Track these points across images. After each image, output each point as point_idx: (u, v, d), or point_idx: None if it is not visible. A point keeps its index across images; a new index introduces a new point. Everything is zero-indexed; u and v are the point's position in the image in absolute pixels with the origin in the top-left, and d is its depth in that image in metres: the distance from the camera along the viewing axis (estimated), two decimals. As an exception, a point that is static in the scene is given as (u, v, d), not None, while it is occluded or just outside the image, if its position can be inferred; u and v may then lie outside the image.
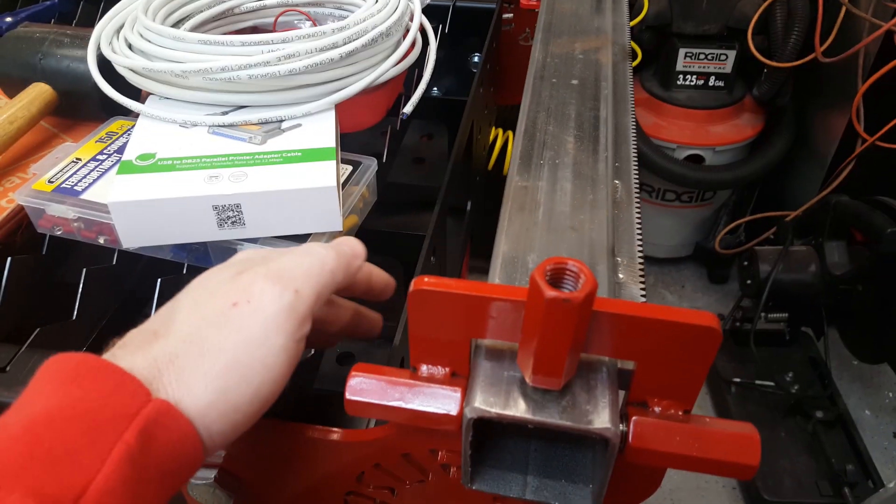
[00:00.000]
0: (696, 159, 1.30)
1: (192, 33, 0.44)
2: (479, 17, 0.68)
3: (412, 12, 0.52)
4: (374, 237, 0.35)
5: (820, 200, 1.12)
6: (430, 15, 0.57)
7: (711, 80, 1.26)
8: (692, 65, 1.25)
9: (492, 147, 0.81)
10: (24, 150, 0.50)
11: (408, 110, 0.50)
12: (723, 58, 1.23)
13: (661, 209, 1.40)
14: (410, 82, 0.54)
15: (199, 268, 0.43)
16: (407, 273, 0.50)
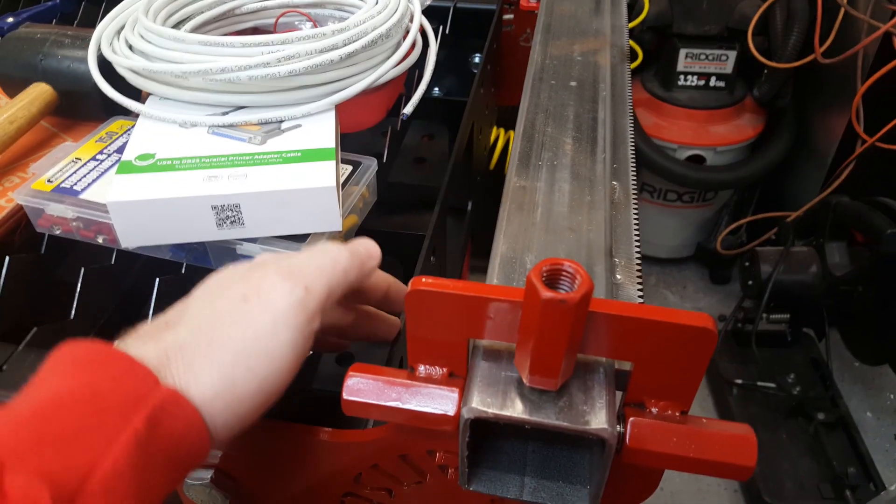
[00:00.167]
0: (697, 160, 1.30)
1: (193, 34, 0.44)
2: (480, 19, 0.68)
3: (412, 14, 0.52)
4: (374, 237, 0.35)
5: (820, 201, 1.12)
6: (431, 16, 0.57)
7: (712, 81, 1.26)
8: (693, 65, 1.25)
9: (493, 147, 0.81)
10: (24, 149, 0.51)
11: (408, 111, 0.50)
12: (723, 58, 1.23)
13: (662, 209, 1.39)
14: (411, 83, 0.54)
15: (197, 268, 0.43)
16: (407, 273, 0.50)
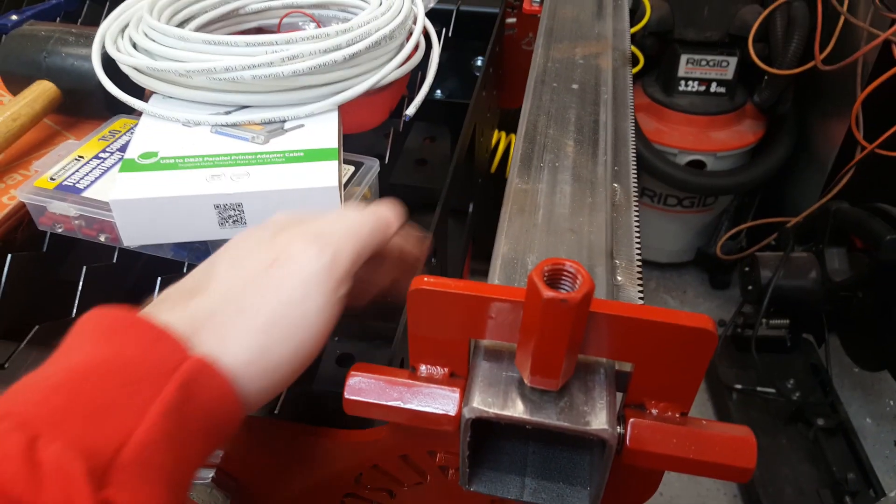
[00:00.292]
0: (697, 165, 1.30)
1: (197, 33, 0.44)
2: (483, 22, 0.68)
3: (416, 16, 0.52)
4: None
5: (820, 207, 1.12)
6: (434, 18, 0.57)
7: (713, 87, 1.27)
8: (694, 71, 1.25)
9: (495, 150, 0.81)
10: (27, 147, 0.51)
11: (411, 112, 0.50)
12: (724, 64, 1.24)
13: (662, 214, 1.40)
14: (414, 85, 0.54)
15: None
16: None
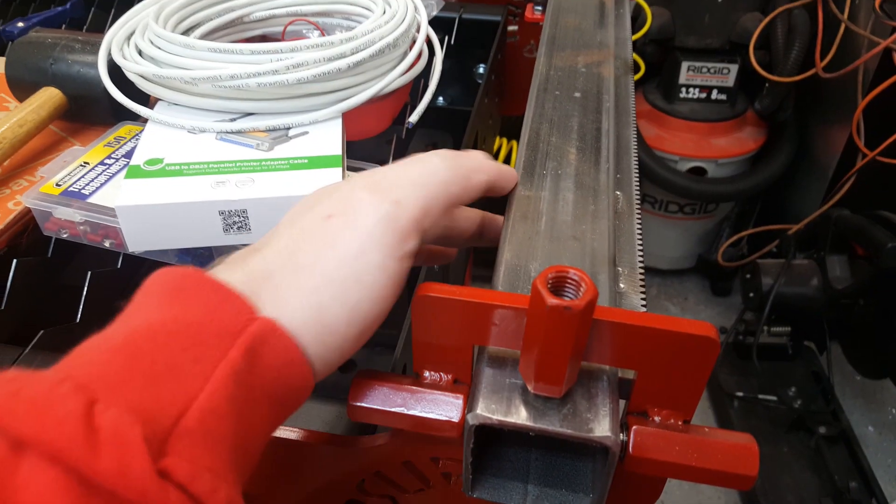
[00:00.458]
0: (698, 171, 1.30)
1: (202, 41, 0.44)
2: (485, 30, 0.69)
3: (419, 24, 0.52)
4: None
5: (821, 214, 1.12)
6: (437, 26, 0.58)
7: (714, 94, 1.27)
8: (695, 78, 1.26)
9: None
10: (33, 153, 0.51)
11: (413, 119, 0.50)
12: (725, 71, 1.24)
13: (663, 221, 1.40)
14: (416, 92, 0.55)
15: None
16: (410, 280, 0.51)
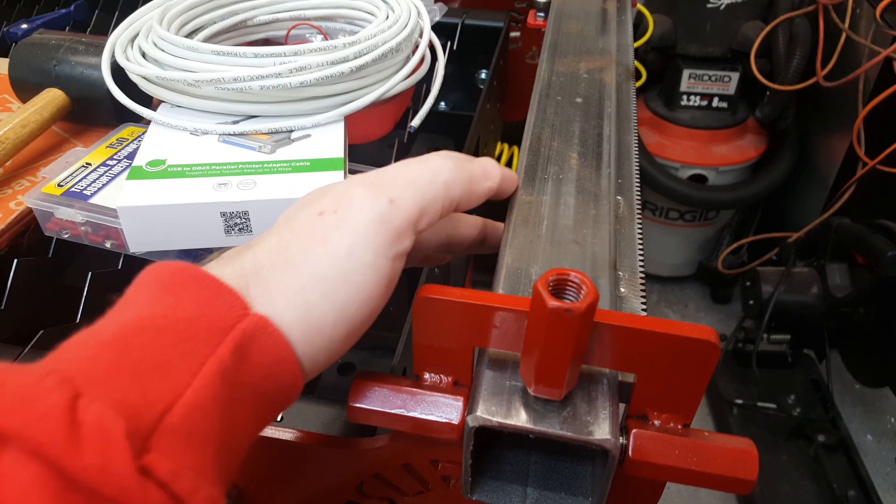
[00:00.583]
0: (699, 179, 1.30)
1: (206, 44, 0.44)
2: (487, 35, 0.69)
3: (422, 29, 0.53)
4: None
5: (821, 222, 1.12)
6: (440, 31, 0.58)
7: (715, 102, 1.28)
8: (696, 86, 1.26)
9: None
10: (35, 153, 0.51)
11: (415, 124, 0.51)
12: (726, 79, 1.25)
13: (664, 228, 1.40)
14: (419, 96, 0.55)
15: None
16: (411, 283, 0.51)
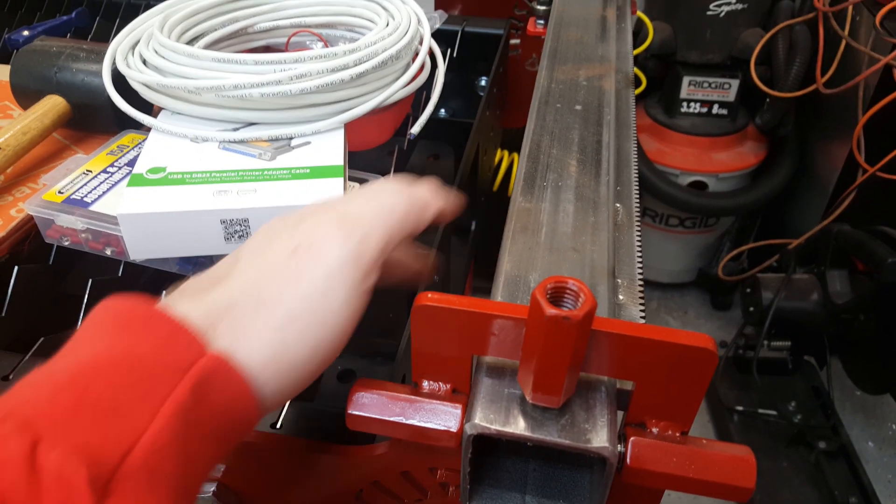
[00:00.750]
0: (699, 186, 1.31)
1: (207, 51, 0.45)
2: (487, 43, 0.69)
3: (422, 36, 0.53)
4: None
5: (822, 229, 1.12)
6: (440, 39, 0.58)
7: (715, 108, 1.28)
8: (696, 93, 1.27)
9: (497, 168, 0.82)
10: (36, 160, 0.51)
11: (415, 131, 0.51)
12: (726, 86, 1.25)
13: (664, 234, 1.40)
14: (418, 103, 0.55)
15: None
16: (410, 291, 0.51)
